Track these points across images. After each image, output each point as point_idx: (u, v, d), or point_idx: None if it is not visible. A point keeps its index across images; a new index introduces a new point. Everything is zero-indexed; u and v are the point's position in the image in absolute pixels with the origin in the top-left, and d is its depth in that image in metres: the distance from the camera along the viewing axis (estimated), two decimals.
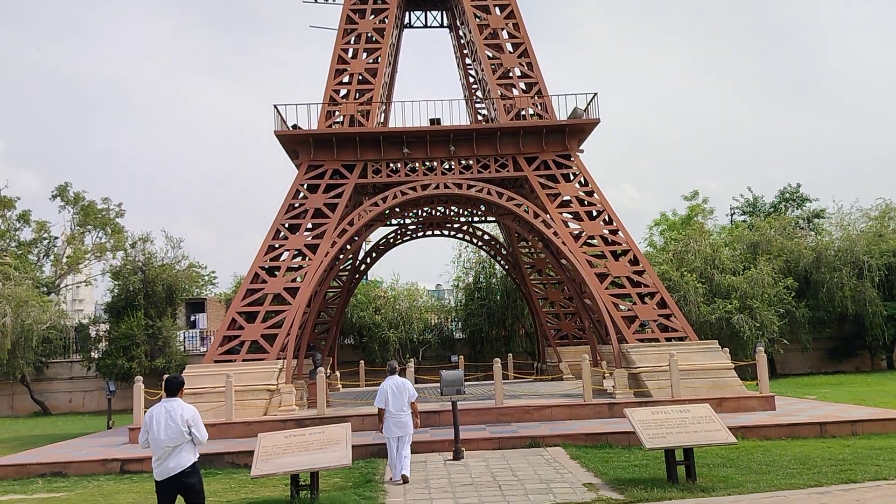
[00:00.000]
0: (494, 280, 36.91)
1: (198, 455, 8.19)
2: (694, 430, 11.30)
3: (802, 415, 16.88)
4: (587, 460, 13.41)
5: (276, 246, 21.18)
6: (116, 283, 34.38)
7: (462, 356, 31.93)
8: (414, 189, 21.68)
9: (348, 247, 24.14)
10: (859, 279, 32.86)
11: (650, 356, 19.26)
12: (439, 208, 28.21)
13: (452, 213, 28.79)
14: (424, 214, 28.33)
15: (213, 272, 45.85)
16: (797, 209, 43.42)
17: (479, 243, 31.16)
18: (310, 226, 21.66)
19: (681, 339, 19.98)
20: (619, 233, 21.77)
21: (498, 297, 36.27)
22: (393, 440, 12.56)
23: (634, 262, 21.33)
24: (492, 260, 34.93)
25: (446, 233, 29.95)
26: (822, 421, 15.69)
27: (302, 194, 21.92)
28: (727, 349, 20.34)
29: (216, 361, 19.35)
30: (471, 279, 37.75)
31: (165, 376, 8.62)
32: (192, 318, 39.91)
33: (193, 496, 7.98)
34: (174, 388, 8.25)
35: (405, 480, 12.28)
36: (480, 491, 11.45)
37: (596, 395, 19.13)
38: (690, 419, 11.57)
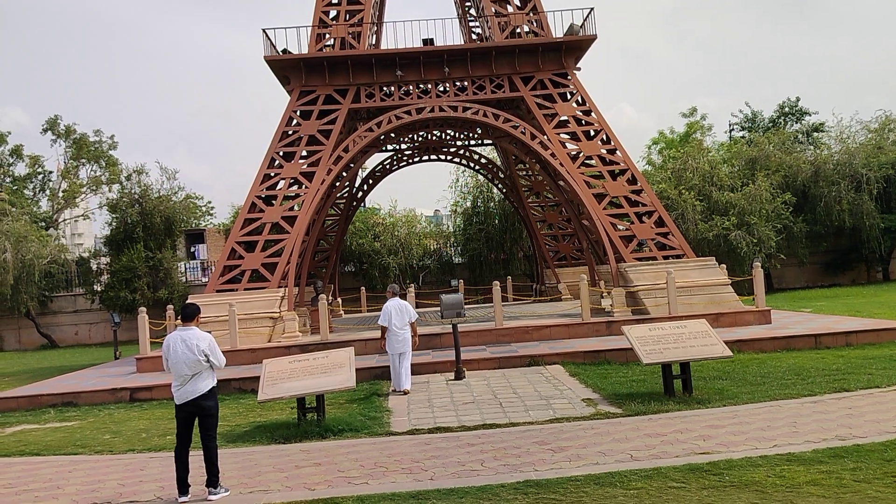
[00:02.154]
0: (492, 204, 36.87)
1: (216, 380, 8.35)
2: (690, 345, 11.48)
3: (797, 327, 17.14)
4: (586, 377, 13.70)
5: (272, 175, 21.05)
6: (114, 216, 34.40)
7: (462, 280, 32.19)
8: (408, 113, 21.39)
9: (344, 174, 24.03)
10: (857, 192, 32.85)
11: (647, 274, 19.43)
12: (435, 132, 27.91)
13: (448, 137, 28.51)
14: (420, 139, 28.05)
15: (210, 203, 45.84)
16: (796, 123, 43.00)
17: (477, 167, 30.97)
18: (304, 153, 21.49)
19: (678, 256, 20.10)
20: (617, 152, 21.61)
21: (496, 221, 36.33)
22: (395, 356, 13.58)
23: (632, 181, 21.26)
24: (489, 184, 34.83)
25: (443, 157, 29.72)
26: (816, 333, 15.95)
27: (295, 121, 21.65)
28: (724, 265, 20.50)
29: (218, 291, 19.53)
30: (469, 204, 37.71)
31: (185, 303, 8.68)
32: (193, 249, 40.01)
33: (209, 419, 8.18)
34: (190, 316, 8.33)
35: (406, 393, 13.30)
36: (482, 408, 11.73)
37: (594, 314, 19.38)
38: (687, 334, 11.74)
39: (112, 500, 8.11)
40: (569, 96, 22.32)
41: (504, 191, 31.42)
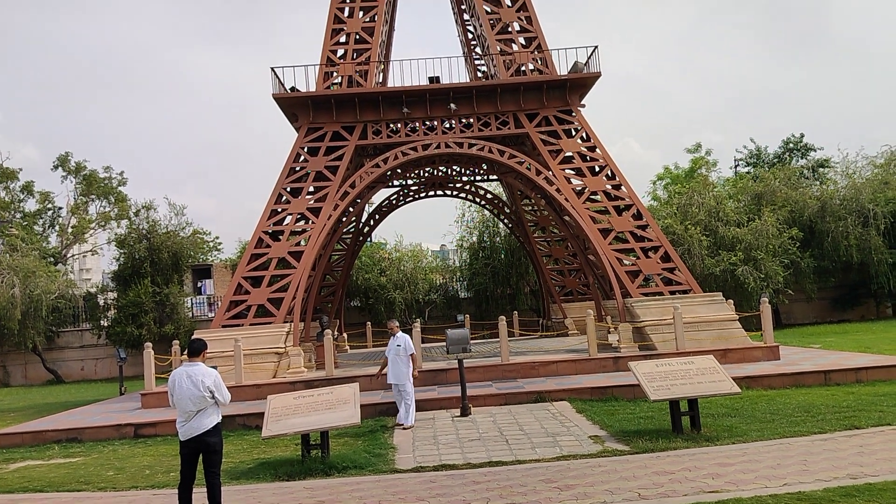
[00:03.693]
0: (498, 239, 36.93)
1: (220, 416, 8.30)
2: (698, 382, 11.40)
3: (807, 364, 16.99)
4: (592, 413, 13.57)
5: (279, 210, 21.18)
6: (122, 251, 34.57)
7: (468, 315, 32.12)
8: (415, 149, 21.57)
9: (351, 209, 24.13)
10: (864, 227, 32.78)
11: (654, 310, 19.35)
12: (441, 168, 28.10)
13: (454, 173, 28.68)
14: (426, 175, 28.22)
15: (218, 238, 46.07)
16: (801, 159, 43.15)
17: (482, 202, 31.10)
18: (311, 189, 21.64)
19: (684, 292, 20.04)
20: (622, 187, 21.69)
21: (502, 256, 36.34)
22: (394, 386, 13.86)
23: (638, 216, 21.29)
24: (495, 219, 34.92)
25: (449, 192, 29.84)
26: (826, 369, 15.80)
27: (302, 157, 21.85)
28: (731, 301, 20.41)
29: (224, 326, 19.52)
30: (475, 238, 37.78)
31: (192, 338, 8.70)
32: (199, 285, 40.15)
33: (213, 455, 8.11)
34: (196, 352, 8.32)
35: (405, 429, 13.43)
36: (488, 445, 11.62)
37: (601, 350, 19.27)
38: (694, 371, 11.66)
39: None
40: (573, 132, 22.49)
41: (510, 226, 31.49)
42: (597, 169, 22.02)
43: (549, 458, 10.45)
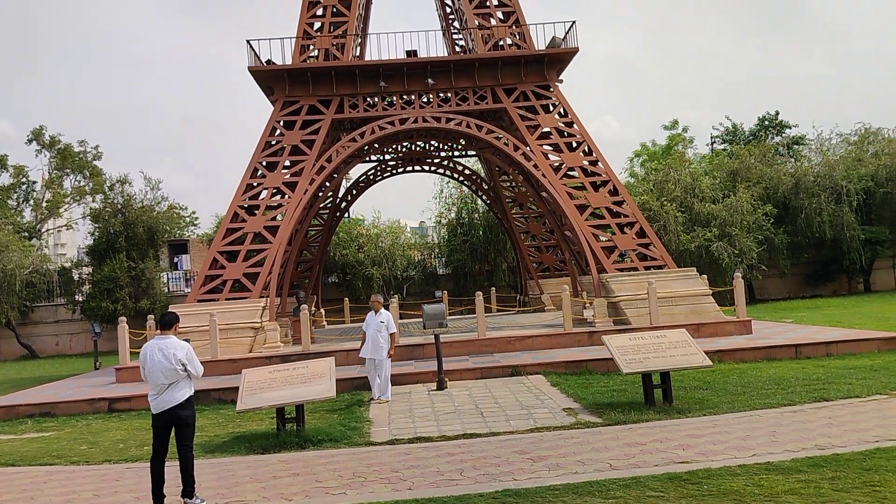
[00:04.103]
0: (476, 215, 36.93)
1: (193, 389, 8.25)
2: (670, 355, 11.52)
3: (778, 337, 17.24)
4: (567, 387, 13.69)
5: (255, 185, 20.99)
6: (97, 225, 34.15)
7: (446, 291, 32.17)
8: (392, 123, 21.42)
9: (327, 184, 23.97)
10: (837, 204, 33.18)
11: (629, 285, 19.50)
12: (418, 143, 27.96)
13: (432, 148, 28.56)
14: (404, 150, 28.08)
15: (195, 213, 45.57)
16: (777, 136, 43.47)
17: (460, 178, 31.03)
18: (287, 163, 21.45)
19: (659, 267, 20.20)
20: (599, 164, 21.73)
21: (480, 233, 36.37)
22: (370, 361, 13.79)
23: (614, 192, 21.37)
24: (473, 195, 34.88)
25: (427, 168, 29.76)
26: (797, 343, 16.04)
27: (278, 131, 21.62)
28: (705, 276, 20.62)
29: (199, 301, 19.39)
30: (453, 215, 37.75)
31: (164, 311, 8.61)
32: (176, 260, 39.81)
33: (185, 428, 8.07)
34: (168, 325, 8.23)
35: (383, 402, 13.43)
36: (463, 418, 11.70)
37: (576, 325, 19.41)
38: (667, 344, 11.78)
39: None
40: (551, 108, 22.44)
41: (488, 202, 31.48)
42: (574, 144, 22.03)
43: (523, 431, 10.54)
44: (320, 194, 24.30)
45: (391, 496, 7.75)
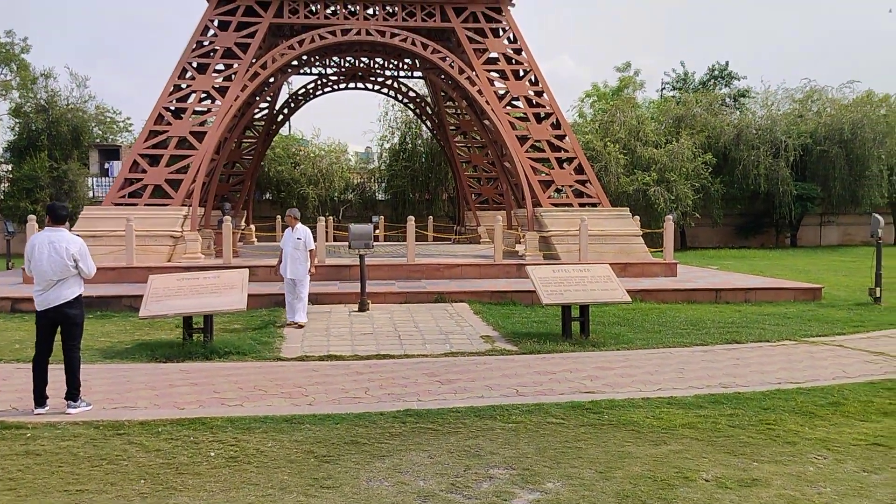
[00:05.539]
0: (420, 142, 36.25)
1: (83, 287, 7.71)
2: (591, 289, 11.44)
3: (701, 281, 17.48)
4: (489, 315, 13.59)
5: (183, 86, 19.88)
6: (17, 121, 32.25)
7: (383, 217, 31.72)
8: (333, 34, 20.42)
9: (262, 92, 22.93)
10: (775, 158, 33.70)
11: (562, 220, 19.40)
12: (362, 59, 26.94)
13: (377, 66, 27.57)
14: (347, 65, 27.04)
15: (129, 119, 43.51)
16: (725, 87, 43.63)
17: (405, 100, 30.20)
18: (221, 67, 20.35)
19: (594, 205, 20.14)
20: (544, 95, 21.29)
21: (423, 160, 35.80)
22: (288, 281, 12.89)
23: (557, 126, 21.04)
24: (418, 120, 34.12)
25: (370, 87, 28.79)
26: (717, 287, 16.29)
27: (211, 31, 20.40)
28: (638, 217, 20.68)
29: (116, 205, 18.48)
30: (396, 139, 36.97)
31: (54, 202, 7.94)
32: (107, 166, 38.14)
33: (72, 328, 7.57)
34: (61, 217, 7.59)
35: (298, 326, 12.54)
36: (379, 339, 11.48)
37: (507, 257, 19.31)
38: (589, 278, 11.70)
39: None
40: (501, 33, 21.76)
41: (432, 128, 30.80)
42: (521, 73, 21.49)
43: (437, 354, 10.39)
44: (253, 103, 23.25)
45: (289, 410, 7.48)
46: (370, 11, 21.22)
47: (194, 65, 20.14)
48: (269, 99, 26.17)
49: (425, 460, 5.99)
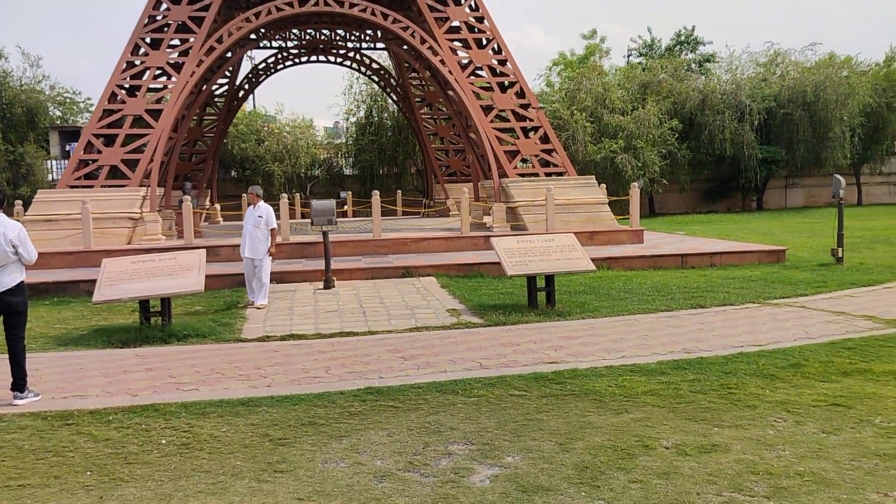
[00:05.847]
0: (386, 115, 35.77)
1: (24, 274, 7.41)
2: (556, 259, 11.36)
3: (667, 247, 17.51)
4: (456, 289, 13.47)
5: (136, 63, 19.28)
6: None
7: (350, 192, 31.36)
8: (290, 4, 19.90)
9: (220, 67, 22.36)
10: (740, 123, 33.83)
11: (528, 190, 19.28)
12: (323, 31, 26.35)
13: (338, 38, 27.02)
14: (308, 37, 26.45)
15: (89, 98, 42.29)
16: (691, 52, 43.63)
17: (368, 73, 29.70)
18: (175, 42, 19.77)
19: (560, 174, 20.03)
20: (508, 64, 21.04)
21: (390, 134, 35.36)
22: (248, 261, 12.63)
23: (521, 95, 20.83)
24: (384, 94, 33.64)
25: (332, 59, 28.22)
26: (683, 253, 16.32)
27: (164, 5, 19.78)
28: (605, 185, 20.62)
29: (72, 187, 17.97)
30: (362, 113, 36.44)
31: None
32: (68, 148, 37.17)
33: (15, 317, 7.29)
34: None
35: (260, 308, 12.26)
36: (344, 317, 11.31)
37: (474, 229, 19.18)
38: (554, 248, 11.61)
39: None
40: (462, 1, 21.38)
41: (397, 101, 30.39)
42: (484, 42, 21.19)
43: (402, 330, 10.25)
44: (210, 78, 22.67)
45: (245, 393, 7.31)
46: None
47: (147, 40, 19.55)
48: (228, 74, 25.57)
49: (384, 439, 5.87)
